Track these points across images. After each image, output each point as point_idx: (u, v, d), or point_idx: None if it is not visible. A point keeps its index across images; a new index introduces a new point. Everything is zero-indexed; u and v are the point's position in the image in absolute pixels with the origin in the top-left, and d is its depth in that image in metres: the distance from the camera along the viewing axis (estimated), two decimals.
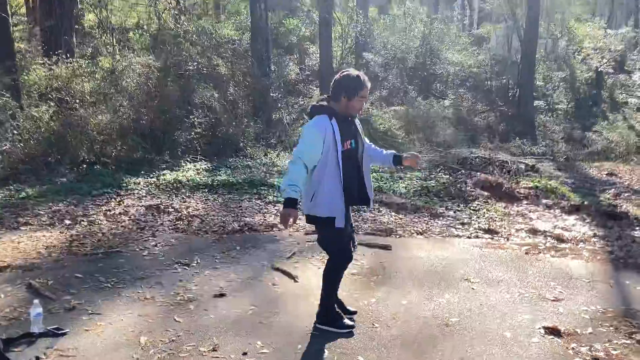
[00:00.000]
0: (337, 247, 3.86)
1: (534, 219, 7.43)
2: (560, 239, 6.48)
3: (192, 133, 10.86)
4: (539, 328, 4.06)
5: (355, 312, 4.18)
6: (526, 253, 5.91)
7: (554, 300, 4.60)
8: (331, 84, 3.81)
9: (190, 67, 12.55)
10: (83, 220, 6.57)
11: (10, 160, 8.66)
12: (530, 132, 16.59)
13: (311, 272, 5.08)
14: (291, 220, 3.51)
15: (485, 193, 8.37)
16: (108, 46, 13.60)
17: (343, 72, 3.81)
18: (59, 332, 3.76)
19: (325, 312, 3.96)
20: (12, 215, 6.64)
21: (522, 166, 9.78)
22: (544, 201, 8.16)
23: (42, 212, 6.80)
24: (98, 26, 16.95)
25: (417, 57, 19.70)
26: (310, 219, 3.81)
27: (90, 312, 4.13)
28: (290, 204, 3.49)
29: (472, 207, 7.87)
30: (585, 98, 20.19)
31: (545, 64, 21.34)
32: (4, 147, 8.77)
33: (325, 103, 3.81)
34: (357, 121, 3.93)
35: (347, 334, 3.89)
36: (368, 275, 5.09)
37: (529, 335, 3.95)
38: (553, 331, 4.00)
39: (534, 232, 6.77)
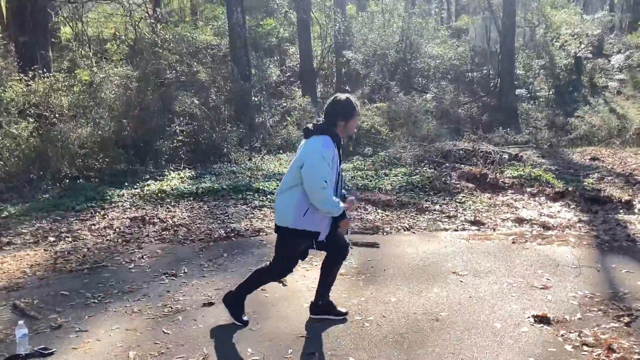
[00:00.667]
0: (286, 260, 4.01)
1: (520, 208, 7.47)
2: (546, 227, 6.52)
3: (175, 141, 10.81)
4: (528, 317, 4.07)
5: (345, 314, 4.18)
6: (513, 242, 5.93)
7: (542, 288, 4.62)
8: (324, 113, 3.89)
9: (170, 75, 12.49)
10: (67, 236, 6.50)
11: None
12: (513, 121, 16.71)
13: (298, 275, 5.06)
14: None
15: (470, 185, 8.41)
16: (85, 59, 13.50)
17: (333, 98, 3.90)
18: (46, 352, 3.71)
19: (237, 297, 4.11)
20: None
21: (506, 156, 9.82)
22: (529, 189, 8.21)
23: (25, 231, 6.73)
24: (74, 39, 16.82)
25: (398, 53, 19.77)
26: (295, 232, 3.82)
27: (77, 329, 4.07)
28: (344, 214, 3.80)
29: (457, 200, 7.89)
30: (565, 84, 20.37)
31: (525, 52, 21.49)
32: None
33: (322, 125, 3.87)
34: None
35: (241, 325, 4.05)
36: (356, 274, 5.09)
37: (518, 324, 3.96)
38: (542, 319, 4.01)
39: (519, 221, 6.81)
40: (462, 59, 20.79)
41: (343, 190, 4.04)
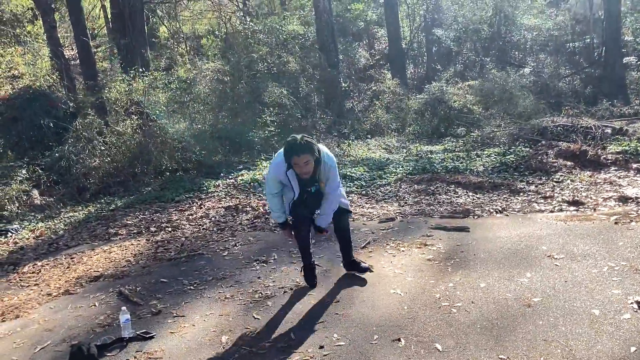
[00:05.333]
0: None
1: (624, 185, 6.96)
2: None
3: (266, 131, 11.08)
4: (632, 303, 3.79)
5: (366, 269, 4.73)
6: (616, 223, 5.53)
7: None
8: None
9: (261, 67, 12.80)
10: (167, 227, 6.89)
11: (100, 175, 9.22)
12: (621, 92, 15.55)
13: (385, 261, 5.05)
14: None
15: (569, 163, 7.94)
16: (181, 56, 14.15)
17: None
18: (147, 335, 3.97)
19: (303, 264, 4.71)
20: (103, 227, 7.09)
21: (609, 130, 9.15)
22: (635, 165, 7.61)
23: (130, 222, 7.21)
24: (172, 37, 17.66)
25: (491, 27, 18.98)
26: None
27: (174, 314, 4.32)
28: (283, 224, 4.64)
29: (554, 179, 7.49)
30: None
31: (633, 16, 19.83)
32: (94, 163, 9.36)
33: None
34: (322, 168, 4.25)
35: (311, 286, 4.61)
36: (444, 259, 4.98)
37: (619, 311, 3.70)
38: None
39: (624, 199, 6.34)
40: (562, 28, 19.55)
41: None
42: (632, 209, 5.99)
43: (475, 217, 6.28)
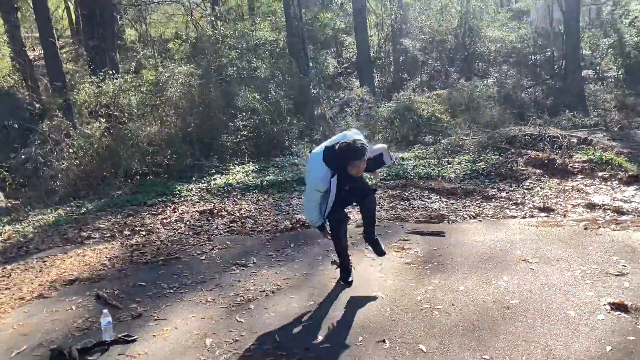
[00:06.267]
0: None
1: (591, 193, 7.22)
2: (620, 212, 6.27)
3: (238, 136, 11.04)
4: (604, 304, 3.95)
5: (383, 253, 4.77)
6: (585, 228, 5.74)
7: (618, 275, 4.46)
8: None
9: (231, 72, 12.74)
10: (141, 230, 6.79)
11: (69, 178, 9.02)
12: (581, 104, 16.07)
13: (365, 264, 5.10)
14: None
15: (538, 171, 8.18)
16: (150, 59, 13.96)
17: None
18: (129, 339, 3.91)
19: (340, 263, 4.75)
20: (75, 230, 6.94)
21: (574, 140, 9.47)
22: (600, 174, 7.91)
23: (102, 225, 7.08)
24: (139, 40, 17.42)
25: (456, 38, 19.38)
26: None
27: (155, 318, 4.27)
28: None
29: (525, 186, 7.70)
30: (636, 63, 19.32)
31: (591, 31, 20.60)
32: (62, 166, 9.14)
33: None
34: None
35: (347, 285, 4.65)
36: (423, 263, 5.07)
37: (594, 312, 3.85)
38: (619, 307, 3.88)
39: (591, 206, 6.58)
40: (524, 41, 20.12)
41: None
42: (600, 216, 6.22)
43: (450, 222, 6.41)
